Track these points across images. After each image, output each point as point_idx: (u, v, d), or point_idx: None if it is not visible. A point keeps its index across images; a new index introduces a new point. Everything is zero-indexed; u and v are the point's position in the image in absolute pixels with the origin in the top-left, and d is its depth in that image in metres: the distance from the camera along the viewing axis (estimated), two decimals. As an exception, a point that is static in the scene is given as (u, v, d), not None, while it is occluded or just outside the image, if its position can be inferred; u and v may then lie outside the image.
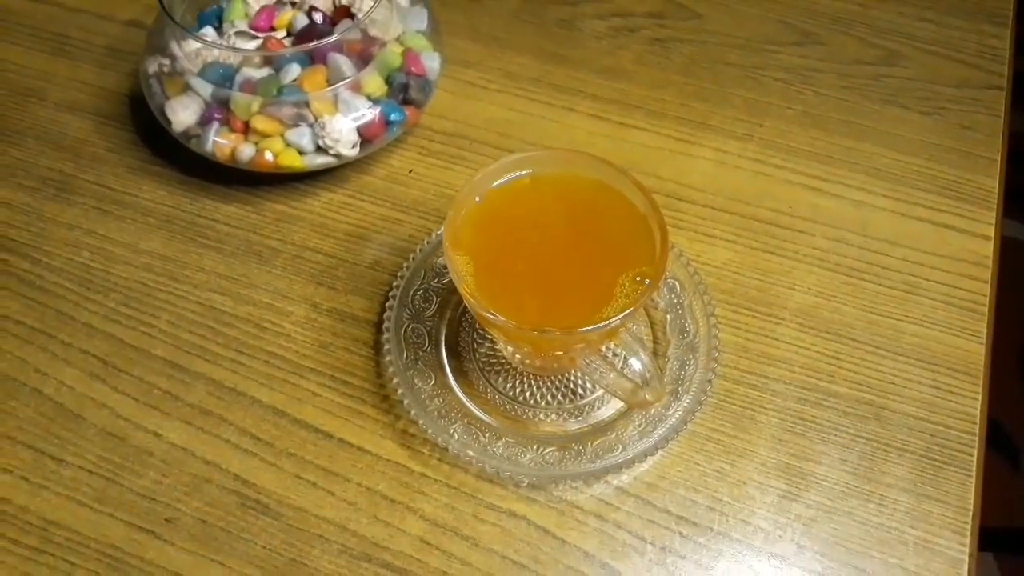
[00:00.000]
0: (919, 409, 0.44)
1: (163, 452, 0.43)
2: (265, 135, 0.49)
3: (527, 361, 0.45)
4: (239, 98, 0.48)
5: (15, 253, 0.50)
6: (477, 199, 0.40)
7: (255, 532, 0.41)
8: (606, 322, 0.36)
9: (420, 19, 0.53)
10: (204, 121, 0.49)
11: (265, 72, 0.49)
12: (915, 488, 0.42)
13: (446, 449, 0.41)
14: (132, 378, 0.45)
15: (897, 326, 0.47)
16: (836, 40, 0.61)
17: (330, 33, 0.51)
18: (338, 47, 0.49)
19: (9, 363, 0.46)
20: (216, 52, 0.49)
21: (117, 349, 0.46)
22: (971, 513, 0.41)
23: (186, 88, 0.49)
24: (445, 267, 0.47)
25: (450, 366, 0.45)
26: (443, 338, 0.46)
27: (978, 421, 0.44)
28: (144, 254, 0.50)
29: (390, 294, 0.46)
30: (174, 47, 0.50)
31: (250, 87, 0.49)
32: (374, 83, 0.50)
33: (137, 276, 0.49)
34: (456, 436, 0.42)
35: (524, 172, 0.41)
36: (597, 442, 0.42)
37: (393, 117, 0.51)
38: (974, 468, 0.42)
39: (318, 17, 0.52)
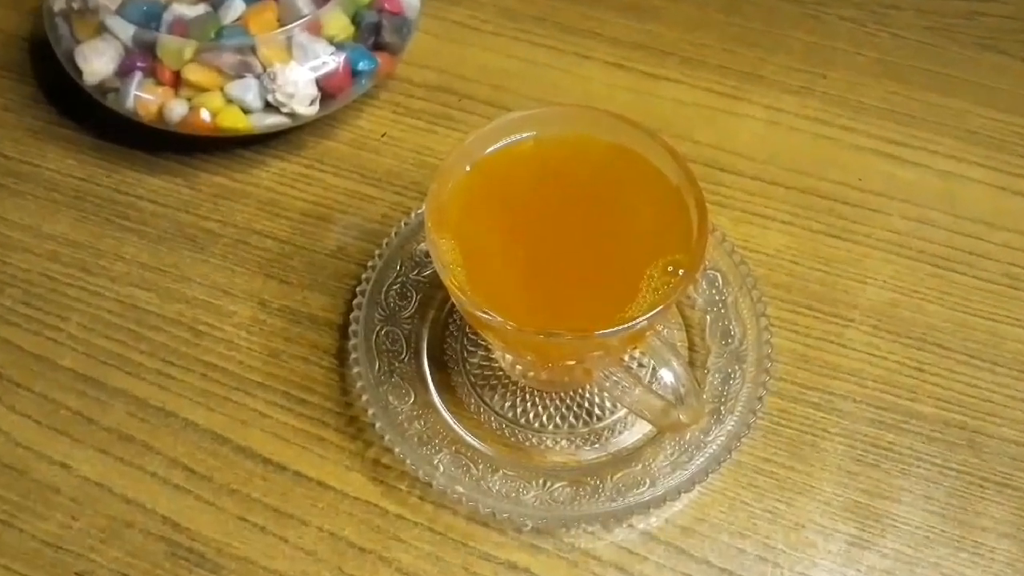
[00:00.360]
0: (1023, 434, 0.44)
1: (73, 489, 0.43)
2: (201, 89, 0.49)
3: (531, 373, 0.45)
4: (168, 42, 0.48)
5: None
6: (467, 169, 0.40)
7: (188, 589, 0.40)
8: (630, 323, 0.35)
9: (395, -57, 0.53)
10: (124, 71, 0.49)
11: (201, 9, 0.49)
12: (1018, 532, 0.41)
13: (429, 484, 0.41)
14: (34, 395, 0.45)
15: (995, 329, 0.47)
16: (918, -31, 0.61)
17: (282, -40, 0.50)
18: (292, -22, 0.49)
19: None
20: (138, -16, 0.49)
21: (15, 359, 0.46)
22: (1089, 564, 0.41)
23: (101, 30, 0.49)
24: (427, 255, 0.47)
25: (434, 380, 0.45)
26: (425, 345, 0.46)
27: (1097, 448, 0.44)
28: (49, 239, 0.50)
29: (358, 289, 0.46)
30: (85, -22, 0.50)
31: (182, 28, 0.48)
32: (338, 23, 0.50)
33: (40, 267, 0.49)
34: (442, 468, 0.41)
35: (526, 135, 0.41)
36: (619, 475, 0.42)
37: (361, 66, 0.50)
38: (1092, 507, 0.42)
39: (267, -60, 0.52)
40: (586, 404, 0.45)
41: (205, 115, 0.49)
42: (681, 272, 0.37)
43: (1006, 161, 0.52)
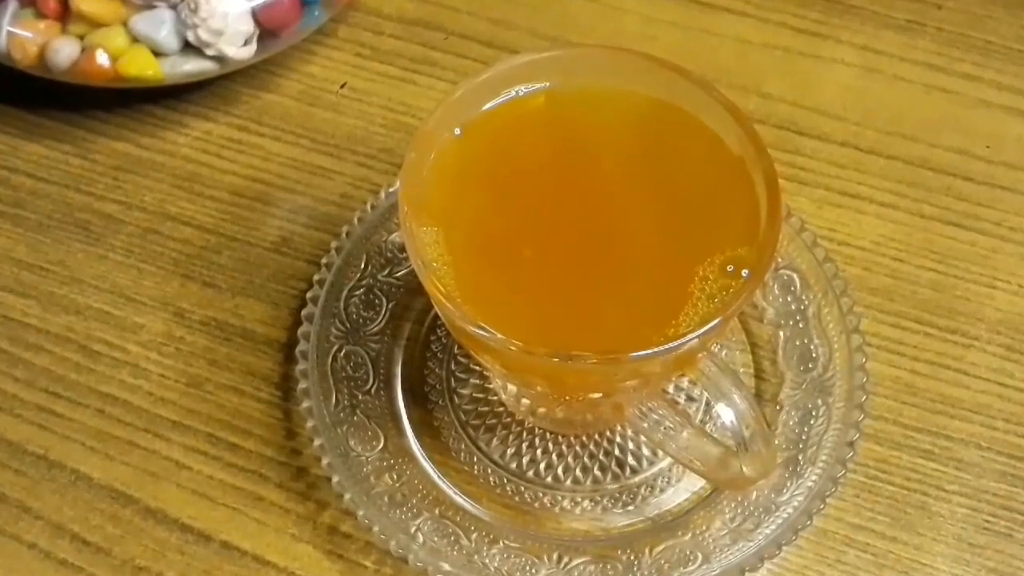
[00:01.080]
0: None
1: (-77, 564, 0.43)
2: (97, 23, 0.49)
3: (541, 410, 0.45)
4: (52, -39, 0.49)
5: None
6: (456, 133, 0.40)
7: None
8: (677, 342, 0.35)
9: None
10: (-8, 1, 0.50)
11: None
12: None
13: (404, 560, 0.41)
14: None
15: None
16: None
17: None
18: None
19: None
20: None
21: None
22: None
23: (-39, -56, 0.50)
24: (402, 249, 0.47)
25: (411, 418, 0.45)
26: (399, 370, 0.47)
27: None
28: None
29: (308, 295, 0.46)
30: None
31: (70, -58, 0.49)
32: (281, -64, 0.51)
33: None
34: (421, 538, 0.42)
35: (536, 86, 0.41)
36: (660, 548, 0.42)
37: (313, -7, 0.51)
38: None
39: None
40: (616, 451, 0.45)
41: (103, 58, 0.49)
42: (745, 273, 0.37)
43: None
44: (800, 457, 0.43)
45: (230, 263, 0.49)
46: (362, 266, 0.48)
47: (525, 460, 0.45)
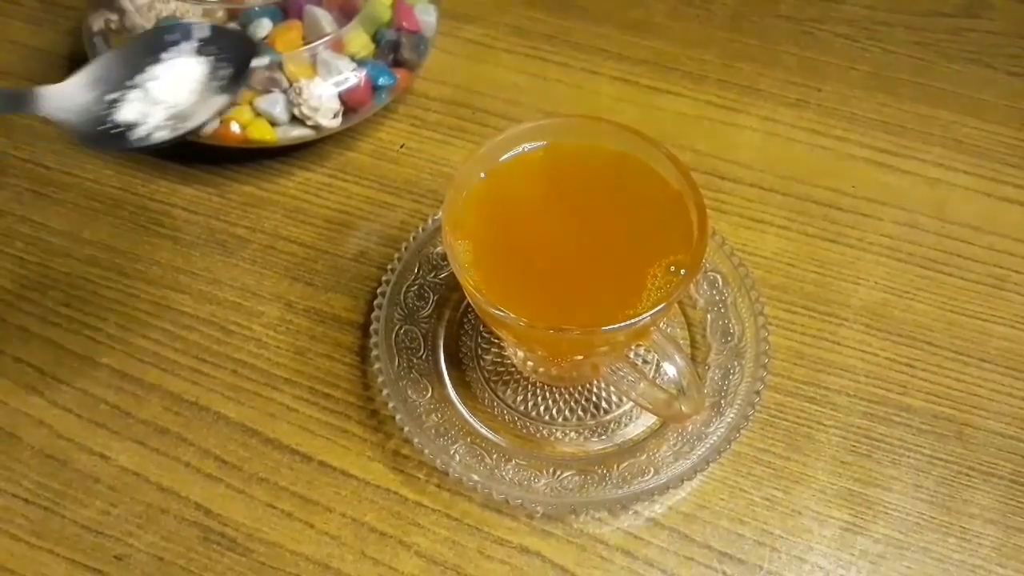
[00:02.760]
0: (1008, 426, 0.44)
1: (111, 478, 0.43)
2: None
3: (541, 369, 0.45)
4: (200, 60, 0.49)
5: (-64, 244, 0.51)
6: (482, 176, 0.41)
7: (220, 571, 0.41)
8: (635, 320, 0.36)
9: (413, -35, 0.54)
10: (158, 87, 0.50)
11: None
12: (1003, 519, 0.42)
13: (446, 473, 0.42)
14: (75, 391, 0.46)
15: (982, 327, 0.47)
16: (908, -12, 0.62)
17: (307, -18, 0.51)
18: (316, -1, 0.50)
19: (-70, 373, 0.47)
20: (172, 5, 0.50)
21: (57, 357, 0.47)
22: (1071, 549, 0.41)
23: (137, 48, 0.50)
24: (444, 258, 0.48)
25: (450, 376, 0.46)
26: (441, 342, 0.47)
27: (1079, 439, 0.44)
28: (88, 245, 0.51)
29: (378, 291, 0.47)
30: None
31: (213, 47, 0.49)
32: (359, 41, 0.51)
33: (80, 271, 0.50)
34: (458, 458, 0.42)
35: (537, 144, 0.41)
36: (624, 464, 0.42)
37: (381, 81, 0.51)
38: (1075, 495, 0.43)
39: (292, -36, 0.53)
40: (593, 398, 0.45)
41: (235, 127, 0.50)
42: (683, 272, 0.38)
43: (992, 168, 0.53)
44: (722, 402, 0.43)
45: (324, 269, 0.50)
46: (416, 271, 0.48)
47: (530, 404, 0.45)
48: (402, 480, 0.43)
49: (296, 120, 0.50)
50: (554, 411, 0.45)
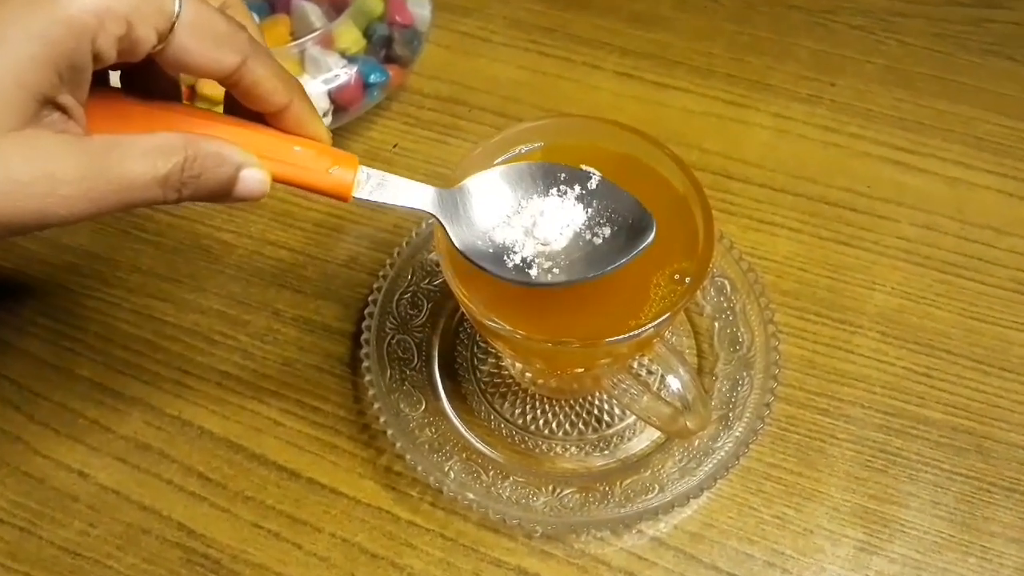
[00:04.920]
0: (1032, 438, 0.44)
1: (90, 496, 0.43)
2: (214, 102, 0.49)
3: (540, 381, 0.45)
4: (182, 57, 0.49)
5: (-91, 251, 0.51)
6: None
7: (204, 594, 0.41)
8: (638, 331, 0.36)
9: (406, -44, 0.54)
10: (139, 86, 0.50)
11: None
12: (1027, 537, 0.42)
13: (440, 491, 0.41)
14: (53, 404, 0.46)
15: (1003, 335, 0.47)
16: (926, -24, 0.61)
17: (294, -25, 0.51)
18: (304, -8, 0.50)
19: (-98, 386, 0.46)
20: None
21: (33, 369, 0.47)
22: (1098, 569, 0.41)
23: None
24: (438, 264, 0.47)
25: (445, 388, 0.45)
26: (436, 353, 0.47)
27: (1107, 453, 0.44)
28: (67, 251, 0.51)
29: (370, 298, 0.47)
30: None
31: (195, 43, 0.49)
32: (349, 36, 0.51)
33: (58, 278, 0.50)
34: (453, 475, 0.42)
35: (536, 145, 0.41)
36: (628, 481, 0.42)
37: (373, 78, 0.51)
38: (1102, 512, 0.42)
39: (279, -45, 0.53)
40: (595, 411, 0.45)
41: (219, 128, 0.49)
42: (688, 280, 0.37)
43: (1014, 167, 0.53)
44: (730, 415, 0.43)
45: (313, 275, 0.50)
46: (409, 277, 0.48)
47: (528, 418, 0.45)
48: (394, 498, 0.43)
49: (283, 119, 0.50)
50: (554, 424, 0.45)
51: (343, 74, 0.50)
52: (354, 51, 0.51)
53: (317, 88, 0.50)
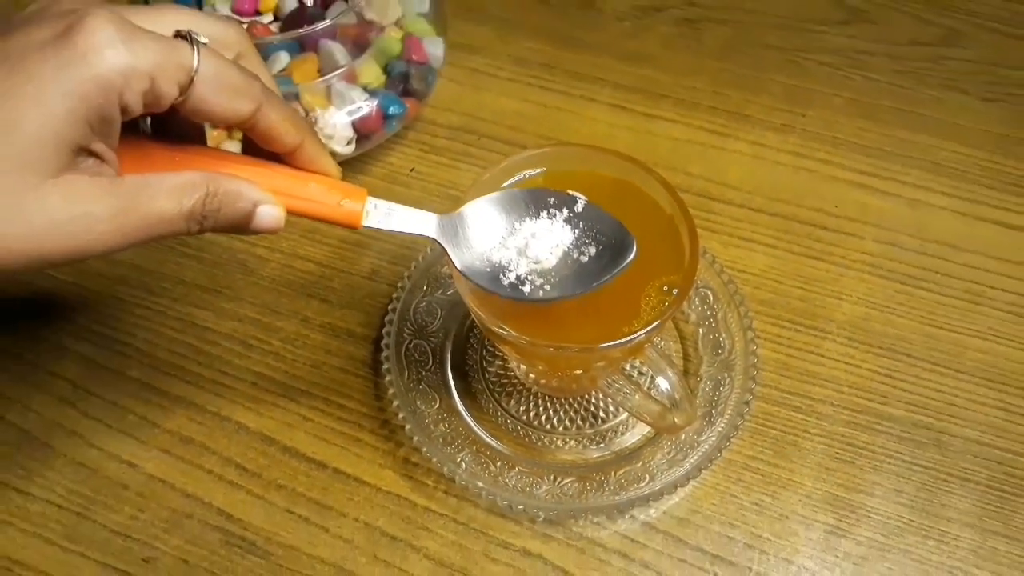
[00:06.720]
0: (984, 434, 0.44)
1: (139, 484, 0.44)
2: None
3: (542, 381, 0.46)
4: (222, 91, 0.49)
5: (-24, 264, 0.51)
6: (485, 201, 0.41)
7: (241, 573, 0.41)
8: (629, 337, 0.36)
9: (421, 0, 0.54)
10: (183, 117, 0.50)
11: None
12: (980, 523, 0.42)
13: (453, 480, 0.42)
14: (105, 402, 0.46)
15: (959, 340, 0.47)
16: (888, 18, 0.62)
17: (322, 17, 0.51)
18: (331, 33, 0.50)
19: (-30, 386, 0.47)
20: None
21: (88, 371, 0.47)
22: (1044, 550, 0.41)
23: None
24: (450, 277, 0.48)
25: (457, 387, 0.46)
26: (449, 356, 0.47)
27: (1051, 447, 0.44)
28: (118, 265, 0.51)
29: (389, 307, 0.47)
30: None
31: (234, 79, 0.49)
32: (371, 72, 0.51)
33: (110, 290, 0.50)
34: (464, 465, 0.42)
35: (538, 170, 0.42)
36: (621, 472, 0.42)
37: (392, 110, 0.52)
38: (1047, 500, 0.43)
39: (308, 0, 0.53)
40: (592, 408, 0.45)
41: (255, 155, 0.50)
42: (675, 292, 0.38)
43: (969, 190, 0.53)
44: (713, 412, 0.44)
45: (338, 286, 0.50)
46: (424, 288, 0.48)
47: (532, 414, 0.45)
48: (411, 486, 0.43)
49: (312, 147, 0.50)
50: (555, 420, 0.45)
51: (365, 106, 0.51)
52: (375, 86, 0.51)
53: (342, 119, 0.50)
